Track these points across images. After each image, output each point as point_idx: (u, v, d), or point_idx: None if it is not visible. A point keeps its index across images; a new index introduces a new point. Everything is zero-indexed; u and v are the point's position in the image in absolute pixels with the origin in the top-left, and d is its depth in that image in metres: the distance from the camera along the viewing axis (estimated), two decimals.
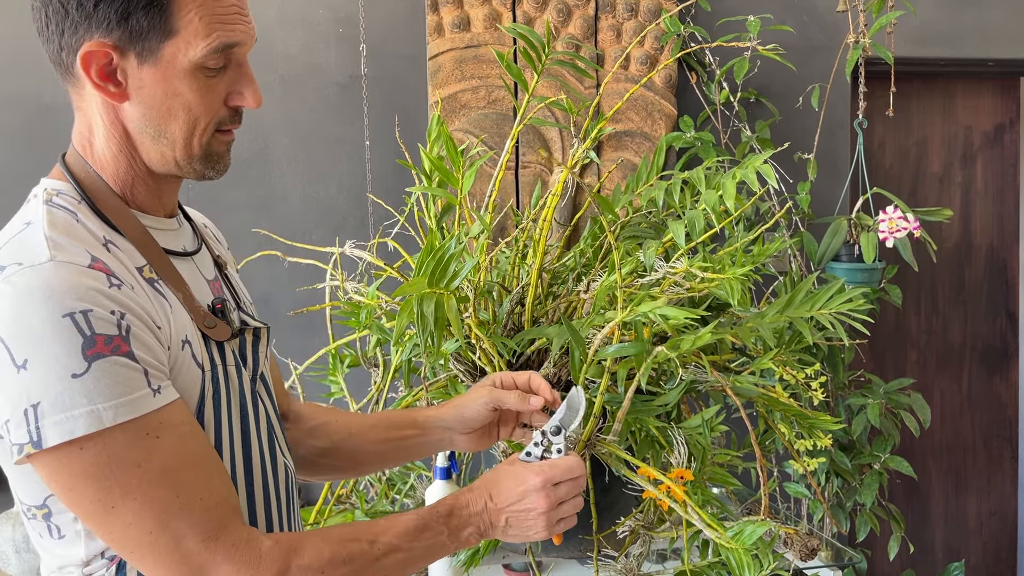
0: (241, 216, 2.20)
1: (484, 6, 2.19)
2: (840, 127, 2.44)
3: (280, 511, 0.95)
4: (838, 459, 2.10)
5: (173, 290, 0.86)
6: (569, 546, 1.67)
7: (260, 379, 0.96)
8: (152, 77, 0.83)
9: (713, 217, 1.49)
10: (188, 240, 0.95)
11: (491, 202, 1.55)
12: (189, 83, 0.84)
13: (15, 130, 2.13)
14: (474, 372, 1.59)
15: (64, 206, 0.84)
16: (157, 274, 0.85)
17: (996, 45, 2.53)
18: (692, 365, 1.48)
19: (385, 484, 1.71)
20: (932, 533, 2.85)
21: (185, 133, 0.86)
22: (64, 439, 0.74)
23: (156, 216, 0.91)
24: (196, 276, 0.93)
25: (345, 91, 2.26)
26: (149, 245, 0.86)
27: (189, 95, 0.84)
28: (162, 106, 0.84)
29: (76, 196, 0.85)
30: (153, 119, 0.85)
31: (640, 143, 2.25)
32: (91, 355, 0.74)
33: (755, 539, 1.22)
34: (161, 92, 0.83)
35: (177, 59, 0.82)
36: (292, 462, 1.01)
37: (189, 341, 0.84)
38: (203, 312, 0.88)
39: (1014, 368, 2.86)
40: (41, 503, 0.82)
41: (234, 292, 1.00)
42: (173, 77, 0.83)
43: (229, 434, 0.88)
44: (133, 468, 0.76)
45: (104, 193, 0.86)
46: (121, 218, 0.86)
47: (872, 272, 2.08)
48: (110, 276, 0.78)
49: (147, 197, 0.90)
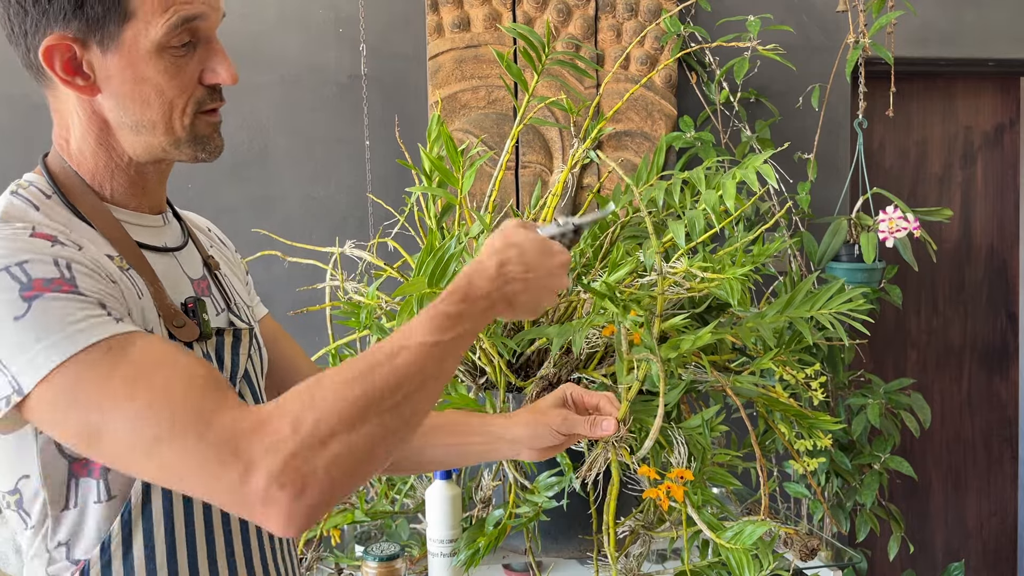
0: (241, 216, 2.20)
1: (484, 6, 2.19)
2: (840, 127, 2.44)
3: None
4: (838, 459, 2.10)
5: (146, 283, 0.85)
6: (569, 546, 1.67)
7: (244, 380, 0.95)
8: (117, 65, 0.81)
9: (713, 217, 1.49)
10: (172, 237, 0.94)
11: (491, 202, 1.55)
12: (155, 65, 0.81)
13: (6, 129, 2.14)
14: (474, 372, 1.59)
15: (27, 197, 0.83)
16: (128, 264, 0.84)
17: (996, 45, 2.53)
18: (692, 365, 1.48)
19: (385, 484, 1.71)
20: (932, 533, 2.85)
21: (163, 117, 0.84)
22: (36, 380, 0.72)
23: (138, 212, 0.90)
24: (176, 272, 0.91)
25: (345, 91, 2.26)
26: (121, 239, 0.85)
27: (158, 78, 0.82)
28: (133, 93, 0.82)
29: (47, 190, 0.85)
30: (128, 108, 0.83)
31: (640, 143, 2.25)
32: (28, 296, 0.72)
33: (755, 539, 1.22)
34: (130, 79, 0.82)
35: (139, 42, 0.80)
36: None
37: (152, 332, 0.82)
38: (173, 310, 0.86)
39: (1014, 368, 2.86)
40: (13, 488, 0.82)
41: (225, 293, 0.99)
42: (139, 61, 0.81)
43: None
44: (105, 383, 0.72)
45: (77, 188, 0.85)
46: (93, 212, 0.85)
47: (872, 272, 2.08)
48: (54, 241, 0.77)
49: (128, 190, 0.88)
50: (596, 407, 1.11)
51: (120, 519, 0.82)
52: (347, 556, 1.68)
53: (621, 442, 1.06)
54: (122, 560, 0.82)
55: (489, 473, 1.70)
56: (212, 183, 2.19)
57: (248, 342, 0.97)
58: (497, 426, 1.13)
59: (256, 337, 1.01)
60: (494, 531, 1.53)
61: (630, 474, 1.52)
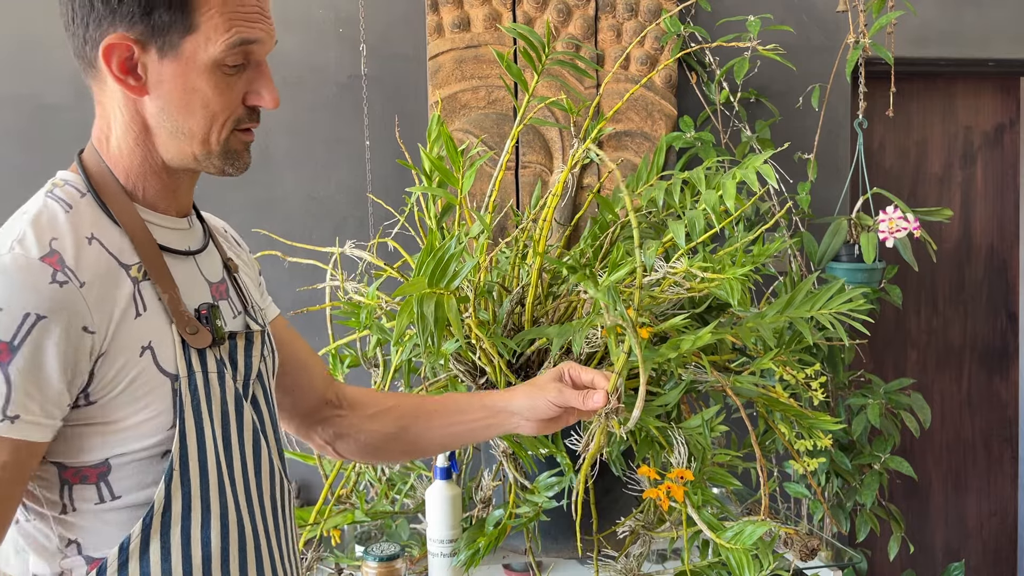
0: (241, 216, 2.20)
1: (484, 6, 2.19)
2: (840, 127, 2.44)
3: (265, 517, 0.94)
4: (838, 459, 2.10)
5: (160, 292, 0.86)
6: (569, 546, 1.67)
7: (257, 381, 0.96)
8: (172, 72, 0.85)
9: (713, 217, 1.49)
10: (195, 240, 0.96)
11: (491, 202, 1.55)
12: (208, 79, 0.85)
13: (15, 130, 2.13)
14: (474, 372, 1.59)
15: (62, 197, 0.86)
16: (146, 275, 0.86)
17: (996, 45, 2.53)
18: (692, 365, 1.48)
19: (385, 484, 1.71)
20: (932, 533, 2.85)
21: (203, 129, 0.87)
22: None
23: (166, 214, 0.92)
24: (195, 277, 0.93)
25: (345, 91, 2.26)
26: (145, 242, 0.87)
27: (207, 91, 0.86)
28: (180, 101, 0.86)
29: (82, 188, 0.87)
30: (171, 113, 0.86)
31: (640, 143, 2.25)
32: None
33: (755, 539, 1.22)
34: (180, 87, 0.85)
35: (197, 55, 0.84)
36: (284, 465, 1.00)
37: (152, 348, 0.84)
38: (187, 317, 0.88)
39: (1014, 368, 2.86)
40: None
41: (242, 295, 1.00)
42: (192, 72, 0.85)
43: (213, 441, 0.87)
44: None
45: (111, 187, 0.88)
46: (123, 212, 0.87)
47: (872, 272, 2.09)
48: (57, 272, 0.79)
49: (160, 192, 0.91)
50: (591, 382, 1.13)
51: (142, 522, 0.83)
52: (347, 556, 1.68)
53: (615, 415, 1.09)
54: (139, 560, 0.83)
55: (489, 473, 1.70)
56: (213, 183, 2.18)
57: (260, 344, 0.98)
58: (496, 398, 1.16)
59: (268, 338, 1.02)
60: (494, 531, 1.53)
61: (630, 474, 1.53)
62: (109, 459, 0.83)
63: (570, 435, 1.48)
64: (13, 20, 2.12)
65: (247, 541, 0.90)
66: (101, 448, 0.83)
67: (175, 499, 0.84)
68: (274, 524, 0.96)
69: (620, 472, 1.53)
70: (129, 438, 0.83)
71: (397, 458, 1.22)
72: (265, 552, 0.93)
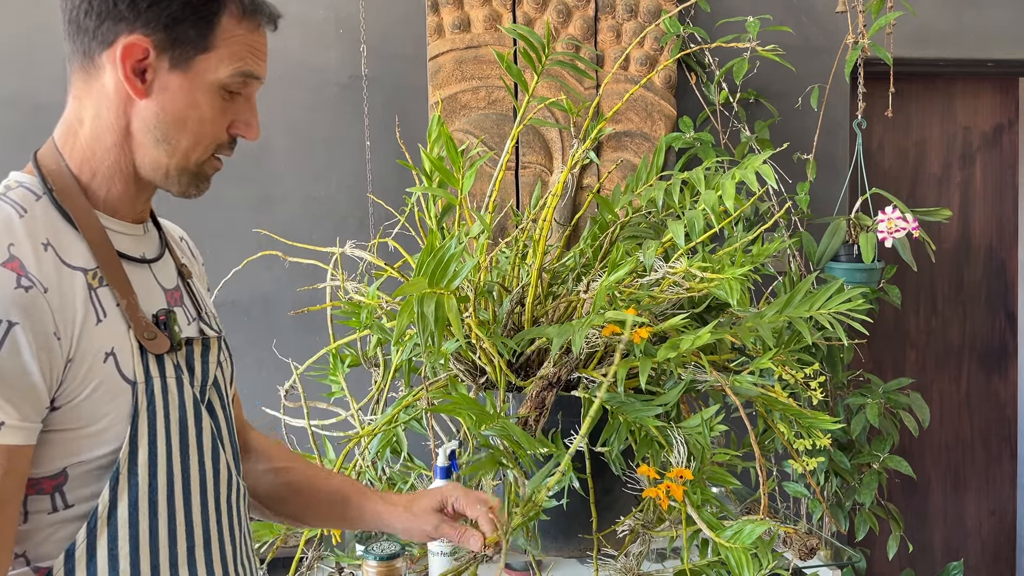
0: (241, 216, 2.21)
1: (484, 7, 2.19)
2: (839, 127, 2.45)
3: (220, 522, 0.94)
4: (837, 459, 2.11)
5: (118, 297, 0.86)
6: (569, 545, 1.67)
7: (213, 387, 0.96)
8: (178, 83, 0.87)
9: (712, 217, 1.49)
10: (151, 247, 0.95)
11: (491, 202, 1.55)
12: (210, 99, 0.88)
13: (9, 129, 2.13)
14: (474, 372, 1.59)
15: (16, 201, 0.84)
16: (103, 280, 0.85)
17: (996, 45, 2.53)
18: (691, 365, 1.49)
19: (386, 484, 1.71)
20: (931, 532, 2.85)
21: (188, 145, 0.89)
22: None
23: (124, 220, 0.91)
24: (151, 284, 0.93)
25: (345, 91, 2.26)
26: (103, 247, 0.86)
27: (207, 109, 0.88)
28: (178, 113, 0.87)
29: (38, 190, 0.86)
30: (164, 122, 0.87)
31: (640, 143, 2.25)
32: None
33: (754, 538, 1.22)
34: (183, 99, 0.87)
35: (206, 74, 0.87)
36: (240, 473, 1.00)
37: (115, 354, 0.84)
38: (145, 323, 0.87)
39: (1013, 368, 2.87)
40: None
41: (196, 301, 1.00)
42: (198, 89, 0.87)
43: (167, 448, 0.87)
44: None
45: (70, 189, 0.87)
46: (82, 215, 0.86)
47: (871, 272, 2.09)
48: (21, 277, 0.78)
49: (121, 198, 0.90)
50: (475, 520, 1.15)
51: (86, 527, 0.83)
52: (347, 555, 1.68)
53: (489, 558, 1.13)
54: (86, 566, 0.83)
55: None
56: (213, 183, 2.19)
57: (217, 350, 0.98)
58: (380, 509, 1.17)
59: (225, 344, 1.02)
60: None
61: (629, 473, 1.53)
62: (67, 468, 0.82)
63: (570, 435, 1.48)
64: (7, 20, 2.12)
65: (196, 545, 0.90)
66: (61, 457, 0.82)
67: (120, 502, 0.83)
68: (229, 527, 0.96)
69: (619, 471, 1.53)
70: (87, 445, 0.82)
71: (278, 519, 1.21)
72: (217, 555, 0.93)
